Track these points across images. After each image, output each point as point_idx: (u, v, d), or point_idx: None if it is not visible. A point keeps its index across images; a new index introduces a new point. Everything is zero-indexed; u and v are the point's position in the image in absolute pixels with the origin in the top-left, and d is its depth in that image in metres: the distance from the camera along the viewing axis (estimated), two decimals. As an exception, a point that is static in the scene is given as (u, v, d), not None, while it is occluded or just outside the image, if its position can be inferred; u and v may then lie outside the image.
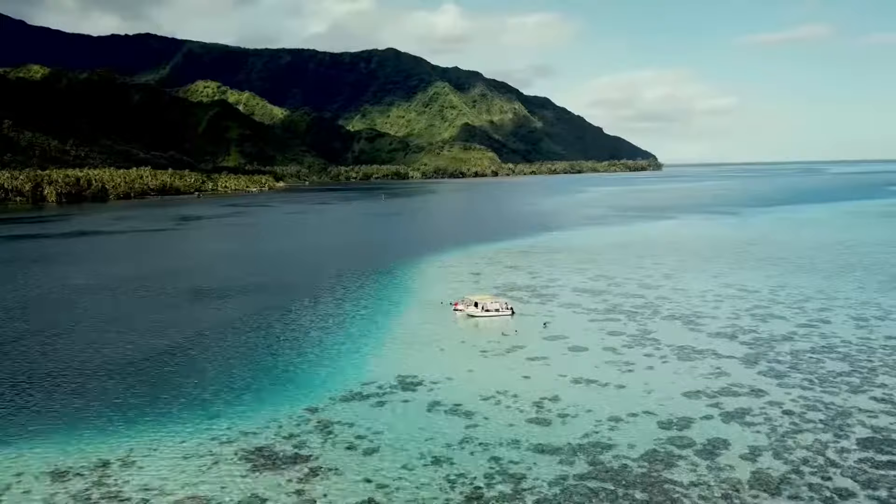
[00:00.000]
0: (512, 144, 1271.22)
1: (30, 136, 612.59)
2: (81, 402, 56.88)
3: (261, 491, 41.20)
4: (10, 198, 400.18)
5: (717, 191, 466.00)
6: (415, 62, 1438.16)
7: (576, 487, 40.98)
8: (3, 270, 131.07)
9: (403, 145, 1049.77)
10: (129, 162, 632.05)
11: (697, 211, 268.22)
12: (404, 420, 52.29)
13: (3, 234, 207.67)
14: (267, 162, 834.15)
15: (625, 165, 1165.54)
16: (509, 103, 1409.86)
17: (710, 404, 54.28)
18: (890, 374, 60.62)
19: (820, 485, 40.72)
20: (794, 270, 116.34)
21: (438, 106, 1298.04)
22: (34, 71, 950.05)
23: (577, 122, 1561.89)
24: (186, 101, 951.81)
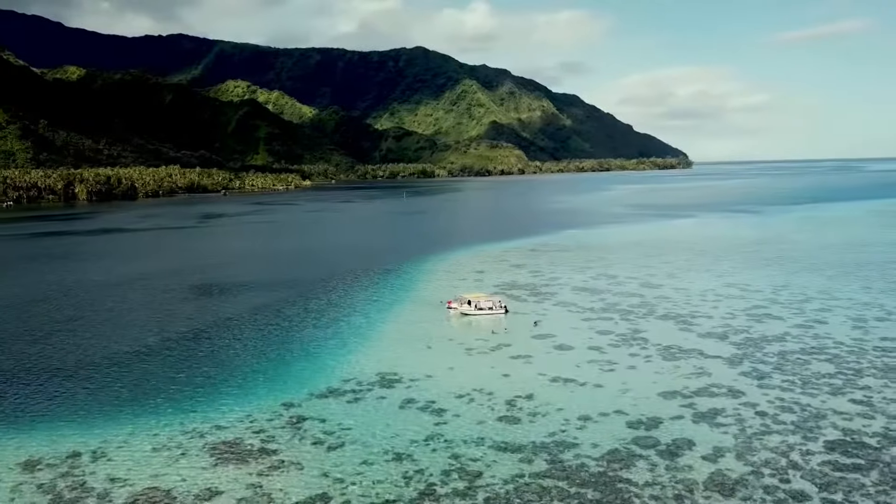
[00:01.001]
0: (540, 142, 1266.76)
1: (64, 136, 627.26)
2: (63, 394, 58.52)
3: (219, 484, 42.08)
4: (43, 196, 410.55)
5: (744, 189, 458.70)
6: (443, 60, 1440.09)
7: (529, 486, 41.13)
8: (22, 266, 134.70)
9: (430, 144, 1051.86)
10: (159, 161, 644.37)
11: (718, 209, 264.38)
12: (375, 416, 52.86)
13: (31, 231, 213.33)
14: (295, 161, 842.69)
15: (654, 163, 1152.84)
16: (537, 101, 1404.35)
17: (684, 405, 53.90)
18: (875, 376, 59.53)
19: (776, 487, 40.31)
20: (801, 270, 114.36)
21: (466, 104, 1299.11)
22: (70, 72, 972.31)
23: (606, 120, 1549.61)
24: (216, 101, 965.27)
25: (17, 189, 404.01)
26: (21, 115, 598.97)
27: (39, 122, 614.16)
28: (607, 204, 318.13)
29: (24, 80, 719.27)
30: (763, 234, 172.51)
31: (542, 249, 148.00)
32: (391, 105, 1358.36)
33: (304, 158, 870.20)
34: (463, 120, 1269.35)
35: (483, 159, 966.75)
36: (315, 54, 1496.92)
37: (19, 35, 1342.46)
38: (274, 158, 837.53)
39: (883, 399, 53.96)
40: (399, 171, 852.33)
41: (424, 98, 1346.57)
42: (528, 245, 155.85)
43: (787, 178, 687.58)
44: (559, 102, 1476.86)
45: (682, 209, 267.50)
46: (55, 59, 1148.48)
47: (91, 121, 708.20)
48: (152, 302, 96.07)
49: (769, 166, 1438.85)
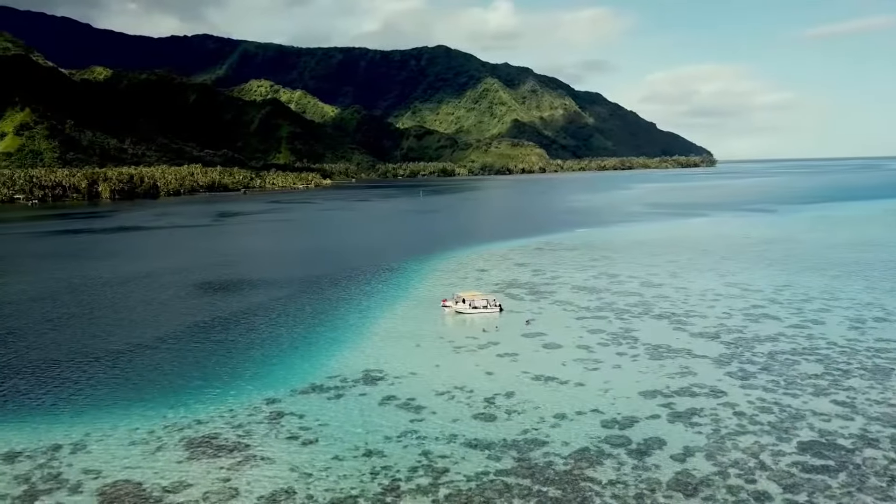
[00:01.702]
0: (562, 140, 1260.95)
1: (90, 136, 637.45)
2: (51, 388, 59.82)
3: (189, 477, 42.86)
4: (67, 194, 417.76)
5: (764, 187, 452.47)
6: (465, 59, 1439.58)
7: (492, 483, 41.34)
8: (33, 263, 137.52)
9: (451, 142, 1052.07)
10: (183, 159, 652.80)
11: (733, 208, 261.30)
12: (353, 413, 53.37)
13: (50, 229, 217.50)
14: (317, 159, 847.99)
15: (676, 162, 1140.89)
16: (560, 99, 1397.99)
17: (663, 404, 53.69)
18: (862, 377, 58.75)
19: (740, 487, 40.09)
20: (806, 270, 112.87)
21: (488, 102, 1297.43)
22: (97, 72, 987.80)
23: (629, 118, 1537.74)
24: (240, 101, 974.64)
25: (42, 188, 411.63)
26: (49, 116, 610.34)
27: (66, 122, 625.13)
28: (623, 203, 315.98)
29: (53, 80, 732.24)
30: (773, 234, 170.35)
31: (548, 248, 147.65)
32: (413, 104, 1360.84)
33: (326, 157, 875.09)
34: (484, 118, 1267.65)
35: (504, 158, 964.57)
36: (337, 54, 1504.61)
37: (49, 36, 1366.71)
38: (296, 157, 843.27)
39: (866, 400, 53.30)
40: (419, 170, 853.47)
41: (446, 97, 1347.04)
42: (534, 244, 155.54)
43: (808, 176, 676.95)
44: (581, 100, 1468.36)
45: (697, 208, 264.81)
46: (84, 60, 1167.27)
47: (117, 120, 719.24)
48: (152, 299, 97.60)
49: (792, 164, 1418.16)
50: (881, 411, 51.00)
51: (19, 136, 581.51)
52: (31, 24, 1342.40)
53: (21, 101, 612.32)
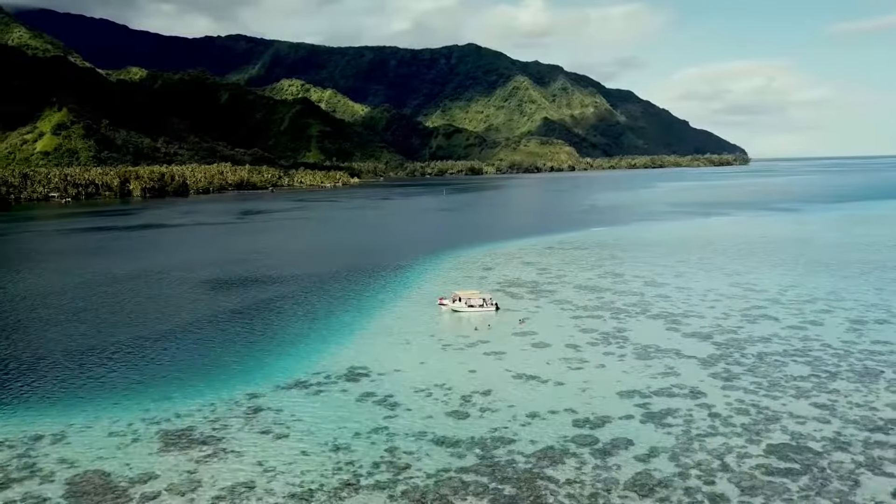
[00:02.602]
0: (592, 139, 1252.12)
1: (125, 135, 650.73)
2: (41, 381, 61.59)
3: (157, 469, 43.91)
4: (100, 192, 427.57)
5: (794, 186, 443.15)
6: (495, 57, 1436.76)
7: (450, 480, 41.62)
8: (52, 260, 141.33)
9: (480, 141, 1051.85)
10: (214, 158, 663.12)
11: (757, 207, 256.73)
12: (329, 408, 54.05)
13: (76, 226, 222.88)
14: (346, 158, 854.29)
15: (709, 160, 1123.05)
16: (590, 97, 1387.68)
17: (639, 404, 53.37)
18: (850, 380, 57.64)
19: (696, 489, 39.80)
20: (816, 270, 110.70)
21: (517, 100, 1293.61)
22: (133, 73, 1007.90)
23: (661, 116, 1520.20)
24: (270, 100, 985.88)
25: (76, 186, 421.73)
26: (85, 115, 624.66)
27: (102, 121, 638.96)
28: (645, 201, 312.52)
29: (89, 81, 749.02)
30: (791, 233, 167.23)
31: (559, 247, 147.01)
32: (442, 102, 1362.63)
33: (355, 156, 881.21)
34: (514, 116, 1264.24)
35: (533, 156, 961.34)
36: (368, 53, 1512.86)
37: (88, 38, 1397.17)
38: (325, 156, 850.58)
39: (847, 403, 52.35)
40: (447, 169, 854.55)
41: (476, 95, 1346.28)
42: (546, 242, 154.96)
43: (843, 174, 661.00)
44: (613, 98, 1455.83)
45: (719, 207, 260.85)
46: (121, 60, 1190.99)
47: (150, 120, 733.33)
48: (156, 296, 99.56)
49: (829, 162, 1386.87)
50: (860, 414, 50.06)
51: (56, 136, 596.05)
52: (70, 26, 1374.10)
53: (59, 101, 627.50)
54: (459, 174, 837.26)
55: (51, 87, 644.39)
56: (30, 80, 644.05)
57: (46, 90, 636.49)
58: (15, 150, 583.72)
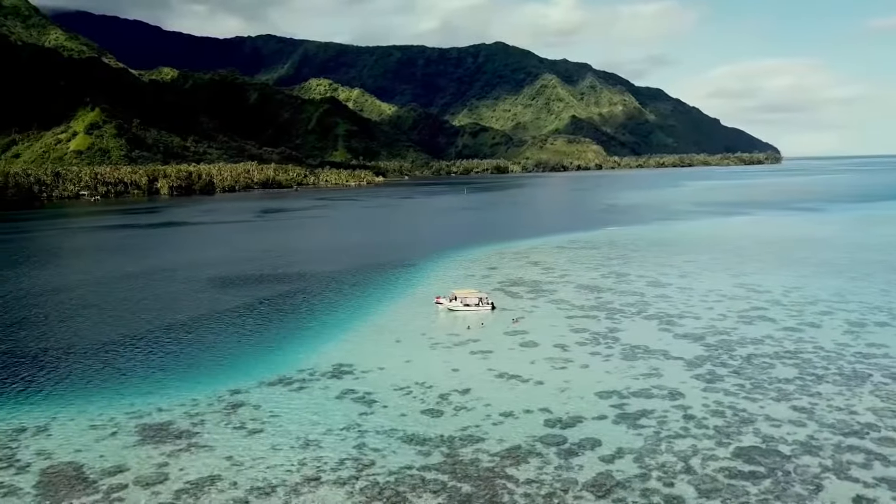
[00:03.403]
0: (621, 137, 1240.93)
1: (155, 134, 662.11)
2: (33, 375, 63.27)
3: (129, 462, 44.96)
4: (128, 191, 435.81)
5: (822, 186, 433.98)
6: (522, 55, 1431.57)
7: (411, 477, 41.95)
8: (67, 257, 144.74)
9: (506, 139, 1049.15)
10: (242, 157, 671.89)
11: (779, 207, 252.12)
12: (307, 405, 54.71)
13: (100, 224, 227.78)
14: (372, 157, 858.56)
15: (739, 159, 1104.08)
16: (619, 95, 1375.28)
17: (615, 405, 53.13)
18: (836, 383, 56.68)
19: (654, 490, 39.61)
20: (826, 271, 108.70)
21: (545, 99, 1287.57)
22: (165, 73, 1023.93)
23: (691, 114, 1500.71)
24: (298, 99, 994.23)
25: (105, 184, 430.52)
26: (117, 115, 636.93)
27: (133, 121, 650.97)
28: (667, 200, 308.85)
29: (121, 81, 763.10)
30: (807, 233, 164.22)
31: (569, 246, 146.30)
32: (469, 101, 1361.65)
33: (381, 155, 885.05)
34: (541, 115, 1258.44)
35: (559, 155, 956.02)
36: (395, 52, 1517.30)
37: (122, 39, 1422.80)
38: (352, 155, 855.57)
39: (827, 406, 51.53)
40: (473, 167, 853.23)
41: (503, 94, 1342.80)
42: (557, 241, 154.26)
43: (875, 174, 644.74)
44: (642, 96, 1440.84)
45: (741, 206, 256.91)
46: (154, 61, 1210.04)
47: (180, 119, 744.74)
48: (161, 293, 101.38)
49: (862, 161, 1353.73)
50: (837, 418, 49.27)
51: (89, 135, 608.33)
52: (105, 28, 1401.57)
53: (92, 102, 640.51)
54: (485, 173, 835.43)
55: (85, 88, 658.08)
56: (65, 81, 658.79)
57: (80, 91, 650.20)
58: (49, 149, 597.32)
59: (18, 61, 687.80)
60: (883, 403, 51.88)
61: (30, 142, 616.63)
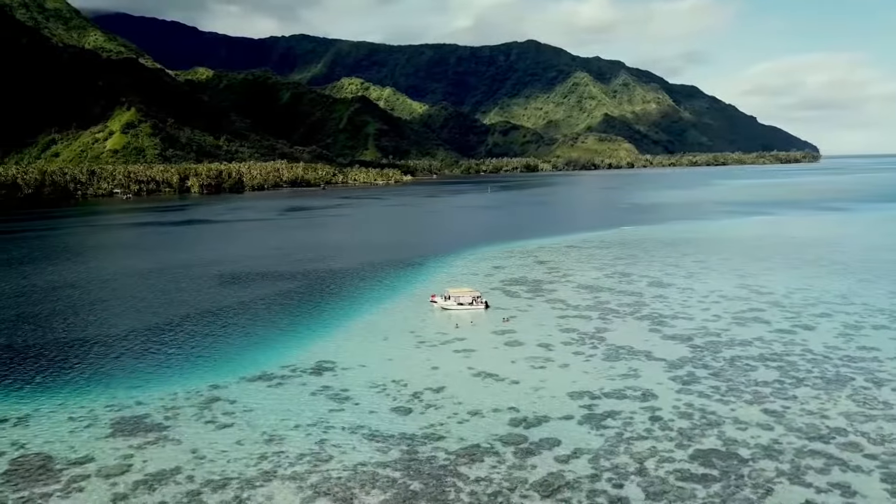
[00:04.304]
0: (654, 135, 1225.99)
1: (189, 133, 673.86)
2: (21, 367, 65.25)
3: (96, 453, 46.29)
4: (160, 189, 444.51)
5: (857, 185, 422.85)
6: (554, 53, 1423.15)
7: (364, 474, 42.41)
8: (83, 254, 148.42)
9: (537, 137, 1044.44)
10: (273, 156, 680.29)
11: (806, 206, 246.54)
12: (282, 401, 55.50)
13: (126, 221, 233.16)
14: (402, 156, 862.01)
15: (775, 157, 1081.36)
16: (653, 93, 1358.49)
17: (584, 405, 52.94)
18: (814, 386, 55.64)
19: (601, 491, 39.49)
20: (836, 272, 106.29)
21: (577, 97, 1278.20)
22: (200, 73, 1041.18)
23: (727, 112, 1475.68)
24: (329, 98, 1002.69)
25: (138, 182, 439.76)
26: (152, 115, 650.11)
27: (167, 120, 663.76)
28: (692, 200, 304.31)
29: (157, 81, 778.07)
30: (827, 233, 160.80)
31: (580, 245, 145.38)
32: (501, 99, 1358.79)
33: (411, 154, 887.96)
34: (573, 113, 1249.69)
35: (590, 153, 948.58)
36: (427, 50, 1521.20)
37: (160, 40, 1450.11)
38: (382, 154, 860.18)
39: (800, 411, 50.65)
40: (502, 166, 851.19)
41: (535, 92, 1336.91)
42: (568, 241, 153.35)
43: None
44: (676, 94, 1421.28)
45: (766, 206, 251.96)
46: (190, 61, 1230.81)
47: (214, 119, 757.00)
48: (165, 290, 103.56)
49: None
50: (807, 422, 48.43)
51: (125, 134, 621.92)
52: (144, 29, 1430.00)
53: (128, 101, 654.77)
54: (514, 171, 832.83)
55: (122, 88, 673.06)
56: (103, 82, 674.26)
57: (118, 91, 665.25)
58: (87, 148, 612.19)
59: (59, 62, 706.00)
60: (857, 408, 50.83)
61: (69, 141, 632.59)
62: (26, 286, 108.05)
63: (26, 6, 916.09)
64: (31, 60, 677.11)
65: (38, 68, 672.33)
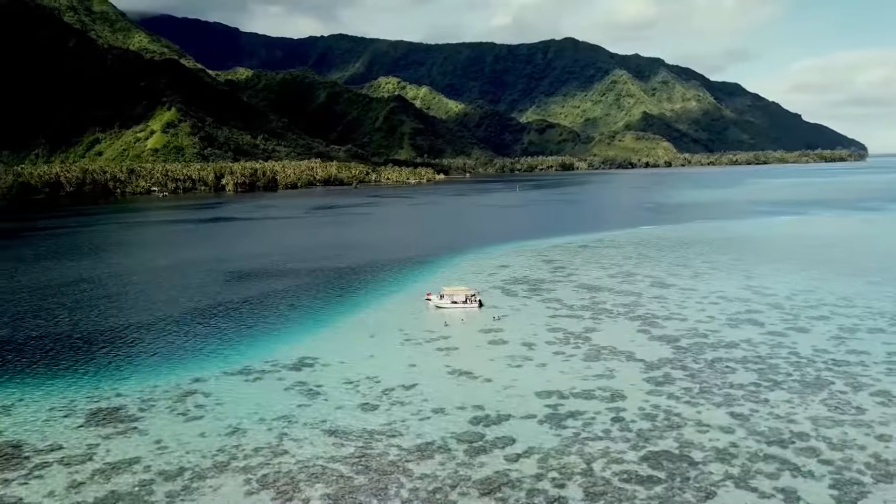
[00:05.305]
0: (693, 133, 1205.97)
1: (227, 132, 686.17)
2: (16, 360, 67.66)
3: (64, 442, 47.95)
4: (196, 187, 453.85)
5: None
6: (592, 51, 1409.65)
7: (313, 468, 43.08)
8: (100, 251, 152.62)
9: (573, 136, 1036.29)
10: (309, 155, 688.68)
11: (840, 206, 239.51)
12: (254, 396, 56.55)
13: (155, 218, 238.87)
14: (437, 155, 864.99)
15: (819, 156, 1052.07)
16: (693, 90, 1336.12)
17: (550, 405, 52.79)
18: (790, 390, 54.46)
19: (541, 491, 39.44)
20: (845, 273, 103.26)
21: (615, 95, 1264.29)
22: (240, 73, 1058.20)
23: (770, 109, 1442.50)
24: (366, 98, 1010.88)
25: (175, 180, 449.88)
26: (191, 114, 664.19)
27: (206, 119, 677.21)
28: (723, 199, 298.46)
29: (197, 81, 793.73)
30: (852, 233, 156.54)
31: (591, 245, 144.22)
32: (538, 97, 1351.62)
33: (446, 153, 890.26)
34: (611, 111, 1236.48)
35: (628, 151, 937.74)
36: (465, 49, 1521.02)
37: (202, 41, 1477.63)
38: (417, 153, 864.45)
39: (767, 414, 49.70)
40: (537, 164, 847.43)
41: (572, 90, 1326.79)
42: (581, 240, 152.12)
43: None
44: (718, 92, 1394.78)
45: (798, 206, 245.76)
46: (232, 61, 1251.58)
47: (251, 118, 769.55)
48: (172, 285, 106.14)
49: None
50: (771, 426, 47.51)
51: (165, 134, 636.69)
52: (187, 30, 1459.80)
53: (169, 101, 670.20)
54: (549, 170, 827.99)
55: (163, 88, 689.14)
56: (145, 82, 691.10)
57: (159, 91, 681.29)
58: (129, 147, 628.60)
59: (104, 64, 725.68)
60: (828, 413, 49.67)
61: (111, 140, 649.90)
62: (42, 280, 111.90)
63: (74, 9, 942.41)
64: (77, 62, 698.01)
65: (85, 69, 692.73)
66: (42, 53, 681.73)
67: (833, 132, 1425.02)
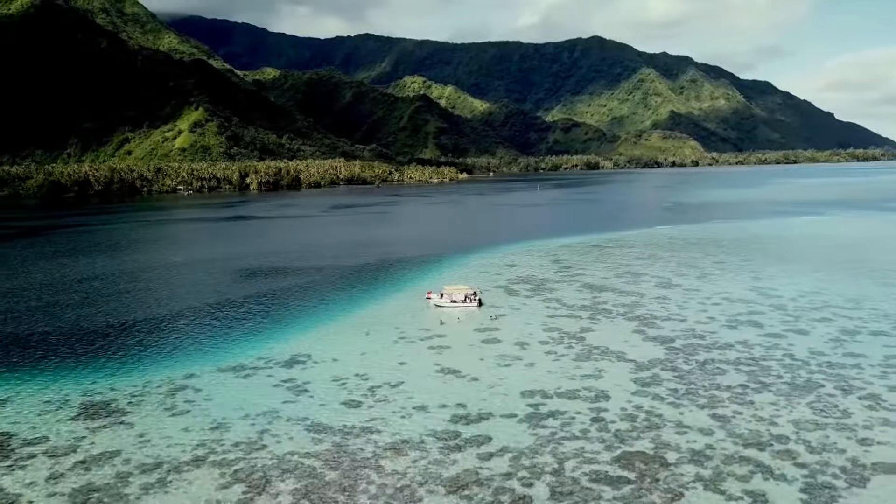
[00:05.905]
0: (722, 132, 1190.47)
1: (253, 132, 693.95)
2: (18, 354, 69.34)
3: (51, 434, 49.11)
4: (220, 186, 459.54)
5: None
6: (619, 49, 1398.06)
7: (288, 463, 43.55)
8: (115, 249, 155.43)
9: (599, 135, 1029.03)
10: (334, 154, 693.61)
11: (865, 207, 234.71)
12: (242, 392, 57.32)
13: (177, 217, 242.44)
14: (461, 154, 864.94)
15: (851, 155, 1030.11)
16: (722, 89, 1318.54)
17: (532, 404, 52.74)
18: (777, 392, 53.73)
19: (508, 489, 39.49)
20: (857, 275, 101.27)
21: (642, 93, 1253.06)
22: (267, 73, 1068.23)
23: (802, 108, 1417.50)
24: (391, 97, 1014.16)
25: (200, 179, 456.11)
26: (218, 114, 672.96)
27: (233, 119, 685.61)
28: (745, 199, 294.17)
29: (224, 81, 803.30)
30: (871, 234, 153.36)
31: (602, 245, 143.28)
32: (564, 96, 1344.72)
33: (470, 152, 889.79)
34: (638, 110, 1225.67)
35: (654, 150, 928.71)
36: (490, 48, 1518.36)
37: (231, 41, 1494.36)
38: (441, 152, 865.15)
39: (750, 417, 49.11)
40: (562, 164, 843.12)
41: (599, 89, 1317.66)
42: (592, 240, 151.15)
43: None
44: (748, 90, 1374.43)
45: (820, 206, 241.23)
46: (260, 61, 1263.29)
47: (277, 117, 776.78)
48: (179, 282, 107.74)
49: None
50: (751, 429, 46.94)
51: (193, 133, 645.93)
52: (216, 31, 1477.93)
53: (197, 101, 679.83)
54: (574, 169, 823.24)
55: (191, 88, 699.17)
56: (174, 82, 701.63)
57: (187, 91, 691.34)
58: (157, 146, 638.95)
59: (134, 64, 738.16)
60: (812, 416, 48.93)
61: (140, 139, 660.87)
62: (56, 277, 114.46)
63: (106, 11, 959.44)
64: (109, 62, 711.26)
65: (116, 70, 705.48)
66: (75, 55, 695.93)
67: (866, 131, 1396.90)
